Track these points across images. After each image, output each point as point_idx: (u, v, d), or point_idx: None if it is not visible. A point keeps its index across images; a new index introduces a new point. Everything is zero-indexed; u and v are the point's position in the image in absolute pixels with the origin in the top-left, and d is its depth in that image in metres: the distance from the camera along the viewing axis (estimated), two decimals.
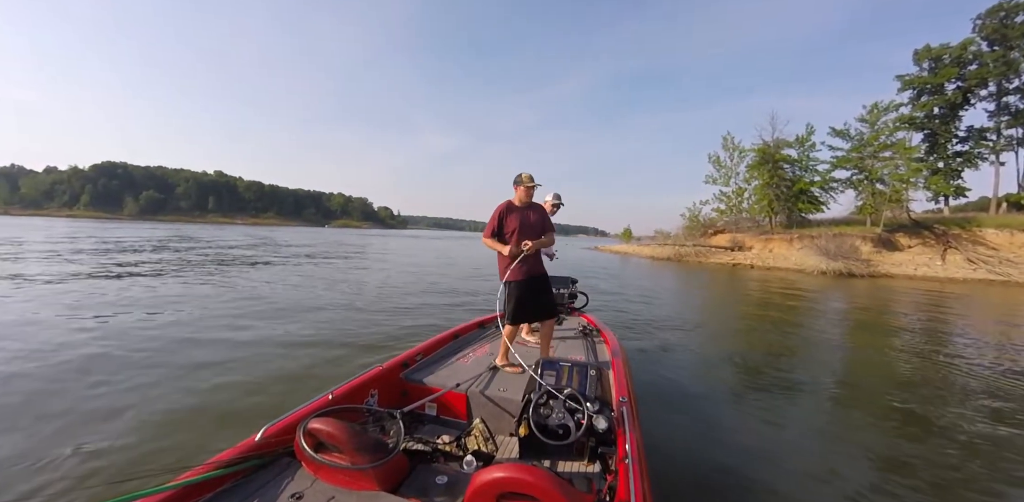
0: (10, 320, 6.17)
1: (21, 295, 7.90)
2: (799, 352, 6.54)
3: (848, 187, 36.45)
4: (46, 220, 75.66)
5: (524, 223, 3.54)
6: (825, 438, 3.70)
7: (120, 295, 8.38)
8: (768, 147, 38.70)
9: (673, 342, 6.84)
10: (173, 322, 6.45)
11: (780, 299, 12.80)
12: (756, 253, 33.25)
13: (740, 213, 42.34)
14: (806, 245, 29.38)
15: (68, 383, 4.18)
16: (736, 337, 7.69)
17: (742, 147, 41.63)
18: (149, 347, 5.29)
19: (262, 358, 5.09)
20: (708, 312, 10.65)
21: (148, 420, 3.52)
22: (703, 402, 4.44)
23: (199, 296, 8.72)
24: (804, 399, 4.58)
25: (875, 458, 3.35)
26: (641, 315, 8.96)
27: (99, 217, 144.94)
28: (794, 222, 38.33)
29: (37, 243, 20.26)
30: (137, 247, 20.80)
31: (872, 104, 34.19)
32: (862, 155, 34.36)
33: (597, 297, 10.92)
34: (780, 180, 37.96)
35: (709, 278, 20.38)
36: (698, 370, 5.51)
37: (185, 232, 44.32)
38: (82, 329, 5.94)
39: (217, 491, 1.83)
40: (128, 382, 4.24)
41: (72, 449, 3.09)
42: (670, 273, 22.20)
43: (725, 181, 43.23)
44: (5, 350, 4.95)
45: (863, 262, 25.69)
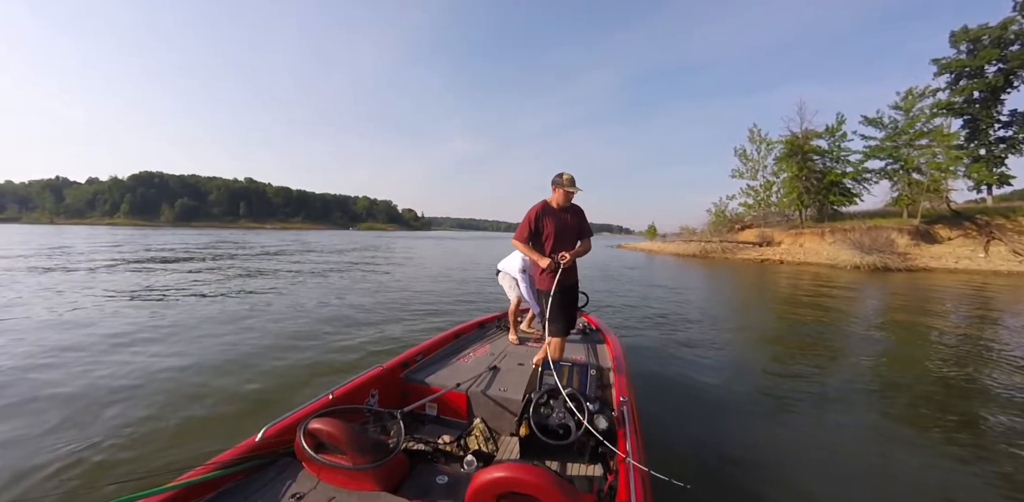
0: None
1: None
2: (826, 352, 6.22)
3: (882, 178, 35.12)
4: (91, 228, 79.09)
5: (561, 228, 3.30)
6: (845, 446, 3.50)
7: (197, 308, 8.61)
8: (797, 138, 37.61)
9: (686, 340, 6.65)
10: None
11: (810, 295, 12.34)
12: (786, 248, 32.32)
13: (768, 207, 41.24)
14: (839, 239, 28.41)
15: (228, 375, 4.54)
16: (755, 336, 7.39)
17: (769, 139, 40.59)
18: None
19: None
20: (729, 309, 10.30)
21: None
22: (709, 403, 4.32)
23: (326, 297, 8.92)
24: (826, 405, 4.32)
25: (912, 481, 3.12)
26: (658, 313, 8.75)
27: (138, 225, 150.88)
28: (825, 215, 37.18)
29: (121, 250, 21.09)
30: (210, 254, 21.44)
31: (907, 90, 32.88)
32: (897, 144, 33.05)
33: (613, 298, 10.76)
34: (810, 172, 36.84)
35: (735, 274, 19.87)
36: (710, 370, 5.31)
37: (227, 237, 45.70)
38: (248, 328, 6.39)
39: (218, 491, 1.83)
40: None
41: (79, 446, 3.14)
42: (695, 270, 21.70)
43: (752, 175, 42.20)
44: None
45: (900, 255, 24.67)
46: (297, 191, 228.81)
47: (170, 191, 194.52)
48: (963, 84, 32.08)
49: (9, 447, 3.17)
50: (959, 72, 32.44)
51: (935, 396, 4.61)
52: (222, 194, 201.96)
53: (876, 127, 34.54)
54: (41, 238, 33.75)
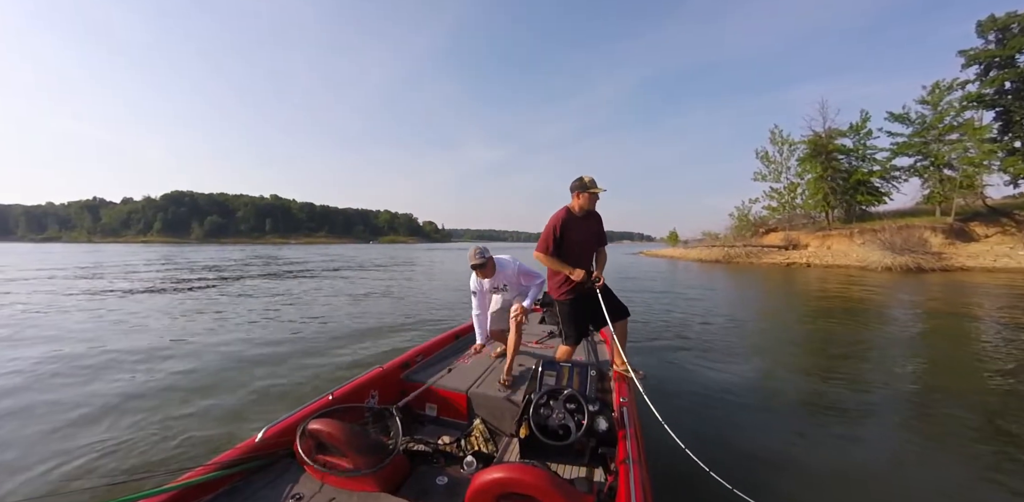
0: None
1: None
2: (853, 356, 5.83)
3: (912, 175, 33.97)
4: (128, 246, 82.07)
5: (584, 236, 3.20)
6: (866, 459, 3.20)
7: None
8: (820, 138, 36.72)
9: (696, 343, 6.40)
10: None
11: (839, 297, 11.79)
12: (813, 251, 31.33)
13: (793, 209, 40.18)
14: (868, 239, 27.35)
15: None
16: (773, 339, 7.04)
17: (791, 140, 39.61)
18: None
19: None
20: (748, 312, 9.84)
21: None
22: (714, 405, 4.14)
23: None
24: (852, 415, 3.99)
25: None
26: (670, 316, 8.45)
27: (170, 242, 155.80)
28: (853, 216, 36.08)
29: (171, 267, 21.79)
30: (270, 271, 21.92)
31: (933, 83, 31.85)
32: (926, 139, 31.96)
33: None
34: (835, 172, 35.89)
35: (760, 279, 19.25)
36: (719, 373, 5.04)
37: (263, 252, 47.04)
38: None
39: (217, 492, 1.83)
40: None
41: (80, 446, 3.18)
42: (718, 276, 21.08)
43: (775, 177, 41.21)
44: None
45: (933, 255, 23.64)
46: (320, 206, 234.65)
47: (200, 209, 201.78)
48: (993, 75, 30.80)
49: (10, 447, 3.21)
50: (988, 62, 31.19)
51: (987, 409, 4.13)
52: (249, 211, 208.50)
53: (903, 123, 33.50)
54: (92, 256, 34.95)
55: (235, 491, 1.87)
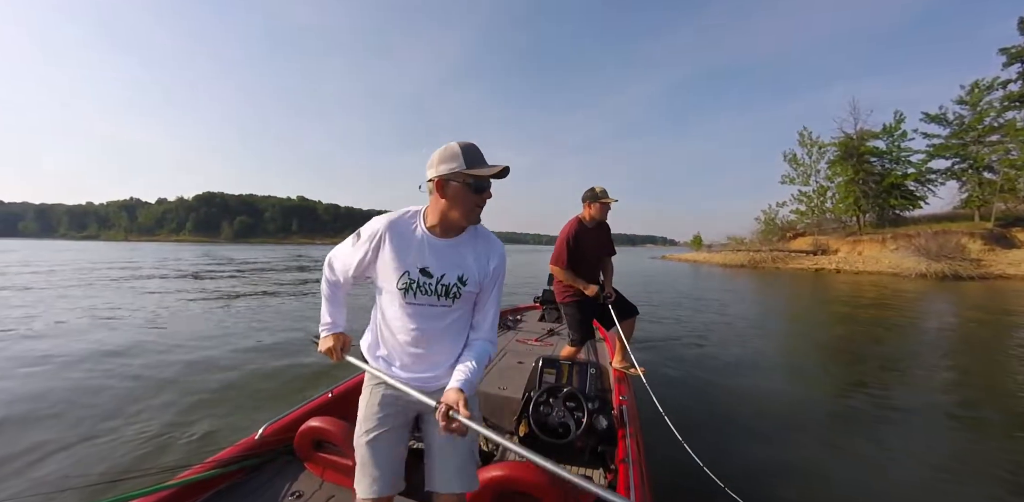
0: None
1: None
2: (876, 366, 5.50)
3: (949, 178, 32.80)
4: (160, 244, 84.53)
5: (594, 246, 3.23)
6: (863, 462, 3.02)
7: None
8: (851, 140, 35.70)
9: (708, 345, 6.16)
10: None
11: (869, 305, 11.32)
12: (843, 256, 30.39)
13: (823, 214, 39.10)
14: (902, 245, 26.41)
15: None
16: (795, 346, 6.75)
17: (821, 142, 38.60)
18: None
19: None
20: (771, 318, 9.54)
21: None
22: (718, 407, 4.00)
23: None
24: (858, 424, 3.75)
25: None
26: (684, 318, 8.14)
27: (201, 241, 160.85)
28: (886, 221, 34.83)
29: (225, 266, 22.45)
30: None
31: (972, 83, 30.61)
32: (964, 141, 30.82)
33: (652, 310, 10.27)
34: (867, 175, 34.81)
35: (785, 284, 18.74)
36: (728, 377, 4.87)
37: (301, 252, 47.70)
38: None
39: (216, 490, 1.82)
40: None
41: (81, 444, 3.18)
42: (743, 281, 20.57)
43: (804, 180, 40.20)
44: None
45: (972, 262, 22.62)
46: (345, 208, 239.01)
47: (230, 209, 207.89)
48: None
49: (9, 447, 3.19)
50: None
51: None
52: (276, 212, 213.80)
53: (940, 124, 32.38)
54: (141, 256, 36.12)
55: (235, 488, 1.87)
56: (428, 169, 1.34)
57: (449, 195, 1.33)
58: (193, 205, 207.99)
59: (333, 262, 1.51)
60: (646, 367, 3.11)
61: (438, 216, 1.37)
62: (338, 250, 1.49)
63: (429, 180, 1.35)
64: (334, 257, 1.51)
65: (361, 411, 1.48)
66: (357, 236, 1.42)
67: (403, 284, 1.37)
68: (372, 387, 1.49)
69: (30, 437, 3.29)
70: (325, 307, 1.58)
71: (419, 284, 1.38)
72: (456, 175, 1.30)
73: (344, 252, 1.46)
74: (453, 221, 1.38)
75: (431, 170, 1.33)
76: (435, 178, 1.33)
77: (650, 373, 3.07)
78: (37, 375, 4.70)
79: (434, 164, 1.32)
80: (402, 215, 1.42)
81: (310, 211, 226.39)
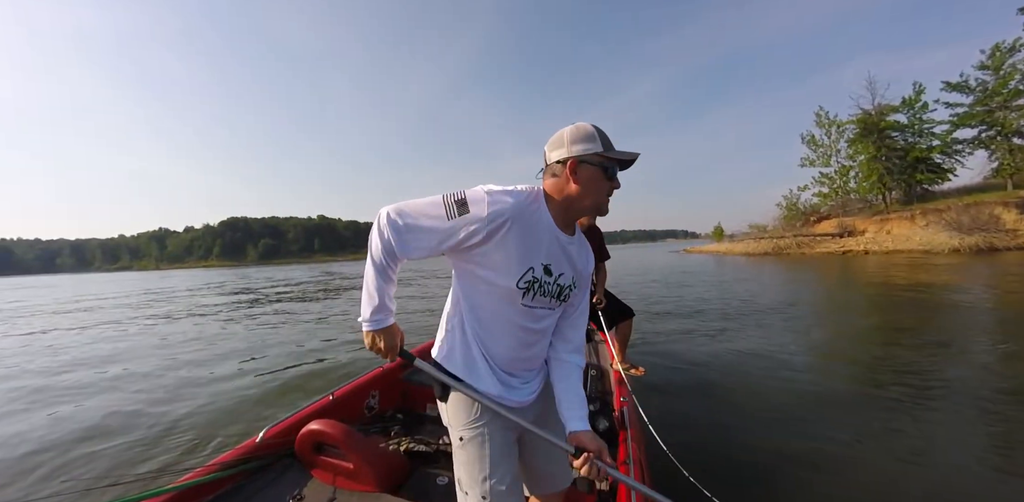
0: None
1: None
2: (910, 348, 5.05)
3: (977, 147, 31.32)
4: (190, 271, 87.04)
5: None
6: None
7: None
8: (870, 116, 34.48)
9: (719, 343, 5.68)
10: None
11: (899, 286, 10.70)
12: (871, 237, 29.23)
13: (847, 194, 37.94)
14: (932, 221, 25.27)
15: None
16: (821, 335, 6.27)
17: (839, 121, 37.48)
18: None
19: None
20: (795, 306, 8.99)
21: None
22: (722, 408, 3.67)
23: None
24: (890, 424, 3.37)
25: None
26: (699, 313, 7.78)
27: (228, 265, 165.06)
28: (914, 197, 33.42)
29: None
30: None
31: (993, 46, 29.23)
32: (990, 107, 29.42)
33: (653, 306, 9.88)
34: (890, 151, 33.52)
35: (811, 270, 17.98)
36: (735, 375, 4.48)
37: (334, 269, 48.41)
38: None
39: (218, 493, 1.82)
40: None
41: (83, 446, 3.26)
42: (766, 269, 19.77)
43: (825, 161, 39.17)
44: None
45: (1007, 233, 21.40)
46: (365, 223, 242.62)
47: (253, 233, 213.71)
48: None
49: (9, 448, 3.28)
50: None
51: None
52: (298, 232, 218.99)
53: (962, 92, 30.96)
54: (187, 281, 37.12)
55: (236, 492, 1.86)
56: (553, 150, 1.15)
57: (583, 179, 1.13)
58: (219, 231, 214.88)
59: (408, 226, 1.11)
60: (646, 368, 3.10)
61: (564, 205, 1.17)
62: (417, 210, 1.11)
63: (557, 162, 1.15)
64: (410, 219, 1.11)
65: (460, 415, 1.23)
66: (461, 205, 1.08)
67: (525, 282, 1.15)
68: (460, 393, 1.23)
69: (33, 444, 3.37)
70: (376, 286, 1.17)
71: (540, 283, 1.18)
72: (593, 157, 1.12)
73: (433, 219, 1.10)
74: (580, 211, 1.19)
75: (559, 151, 1.14)
76: (568, 159, 1.12)
77: (656, 374, 2.88)
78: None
79: (564, 144, 1.14)
80: (525, 198, 1.14)
81: (330, 229, 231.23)
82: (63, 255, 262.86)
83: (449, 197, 1.10)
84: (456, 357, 1.23)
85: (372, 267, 1.16)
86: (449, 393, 1.23)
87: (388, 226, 1.11)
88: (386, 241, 1.11)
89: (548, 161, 1.18)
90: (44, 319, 12.49)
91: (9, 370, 6.02)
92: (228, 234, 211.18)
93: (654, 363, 4.85)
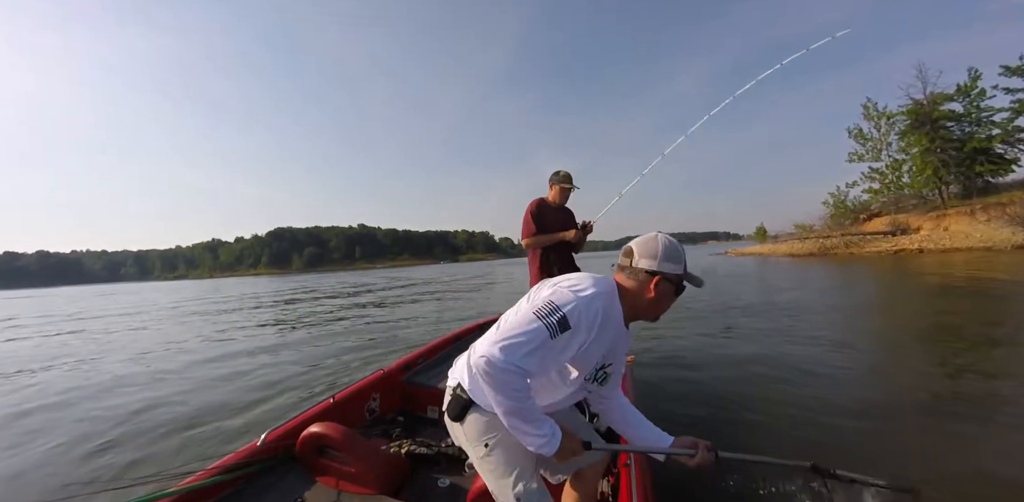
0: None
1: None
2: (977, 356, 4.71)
3: None
4: (239, 279, 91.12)
5: (560, 226, 3.23)
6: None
7: None
8: (921, 106, 32.40)
9: (731, 342, 5.38)
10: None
11: (957, 287, 9.97)
12: (926, 234, 27.46)
13: (900, 190, 35.72)
14: (994, 216, 23.60)
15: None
16: (868, 339, 5.90)
17: (889, 112, 35.40)
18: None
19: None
20: (838, 307, 8.52)
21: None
22: (725, 410, 3.53)
23: None
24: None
25: None
26: (708, 317, 7.39)
27: (275, 273, 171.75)
28: (974, 190, 31.03)
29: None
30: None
31: None
32: None
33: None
34: (945, 142, 31.31)
35: (859, 272, 16.96)
36: (741, 377, 4.26)
37: (397, 274, 49.99)
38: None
39: (219, 496, 1.83)
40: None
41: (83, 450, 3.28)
42: (812, 271, 18.73)
43: (875, 156, 37.11)
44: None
45: None
46: (403, 231, 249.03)
47: (298, 242, 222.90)
48: None
49: (8, 451, 3.30)
50: None
51: None
52: (340, 241, 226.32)
53: (1023, 76, 28.70)
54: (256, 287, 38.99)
55: (237, 495, 1.87)
56: (643, 258, 1.26)
57: (660, 293, 1.26)
58: (267, 241, 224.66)
59: (527, 362, 1.12)
60: (653, 370, 3.13)
61: (632, 305, 1.29)
62: (528, 349, 1.12)
63: (646, 271, 1.25)
64: (526, 357, 1.11)
65: (484, 427, 1.30)
66: (562, 326, 1.13)
67: (589, 374, 1.33)
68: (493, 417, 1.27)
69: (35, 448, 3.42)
70: (527, 421, 1.18)
71: (597, 371, 1.35)
72: (676, 278, 1.27)
73: (544, 348, 1.13)
74: (642, 316, 1.33)
75: (650, 261, 1.24)
76: (657, 273, 1.24)
77: (661, 375, 2.75)
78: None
79: (656, 256, 1.24)
80: (608, 301, 1.24)
81: (370, 237, 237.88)
82: (127, 265, 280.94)
83: (549, 318, 1.14)
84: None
85: (507, 400, 1.14)
86: (466, 415, 1.31)
87: (500, 359, 1.10)
88: (506, 370, 1.10)
89: (635, 264, 1.27)
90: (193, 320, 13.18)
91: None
92: (275, 243, 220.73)
93: (661, 364, 4.72)
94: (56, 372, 6.41)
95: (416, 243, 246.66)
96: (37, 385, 5.64)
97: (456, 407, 1.32)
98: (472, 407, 1.30)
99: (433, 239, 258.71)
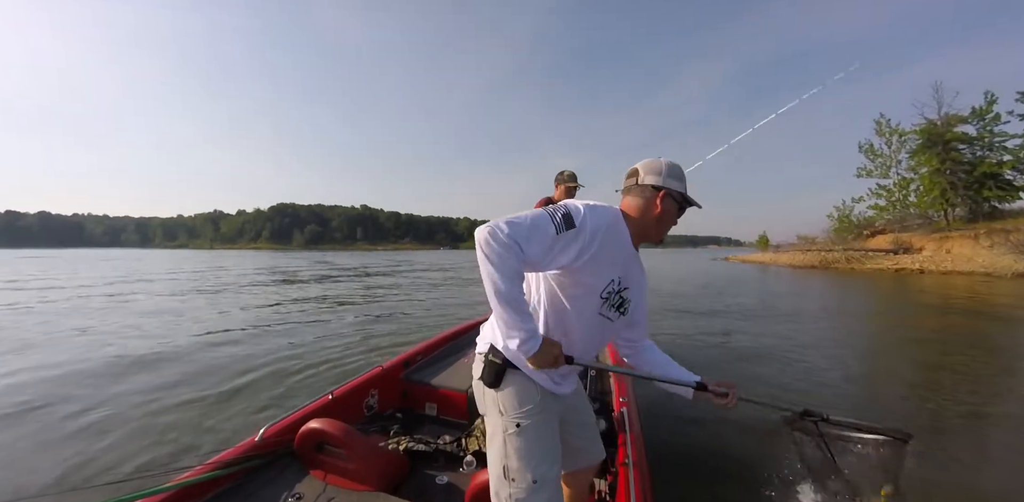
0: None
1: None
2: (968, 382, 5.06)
3: None
4: (240, 252, 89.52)
5: None
6: None
7: None
8: (935, 126, 32.47)
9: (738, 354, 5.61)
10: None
11: (955, 312, 10.34)
12: (928, 255, 27.70)
13: (905, 209, 35.87)
14: (997, 241, 23.75)
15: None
16: (861, 352, 6.24)
17: (901, 130, 35.48)
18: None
19: None
20: (834, 321, 8.92)
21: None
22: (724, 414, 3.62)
23: None
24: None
25: None
26: (720, 321, 7.69)
27: (276, 249, 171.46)
28: (980, 214, 31.23)
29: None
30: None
31: None
32: None
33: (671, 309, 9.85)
34: (955, 164, 31.44)
35: (858, 287, 17.36)
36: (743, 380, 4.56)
37: (400, 257, 50.03)
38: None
39: (217, 491, 1.84)
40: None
41: (82, 444, 3.19)
42: (811, 284, 19.30)
43: (883, 172, 37.19)
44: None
45: None
46: (406, 215, 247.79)
47: (300, 219, 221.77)
48: None
49: (7, 447, 3.19)
50: None
51: None
52: (342, 221, 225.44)
53: None
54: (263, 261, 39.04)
55: (235, 490, 1.87)
56: (649, 174, 1.28)
57: (665, 210, 1.27)
58: (268, 215, 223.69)
59: (526, 244, 1.10)
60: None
61: (640, 225, 1.29)
62: (527, 220, 1.12)
63: (652, 186, 1.27)
64: (522, 227, 1.11)
65: (521, 401, 1.25)
66: (567, 222, 1.14)
67: (607, 293, 1.27)
68: (528, 383, 1.27)
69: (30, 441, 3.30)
70: (514, 308, 1.13)
71: (612, 293, 1.28)
72: (679, 195, 1.29)
73: (544, 229, 1.12)
74: (648, 235, 1.32)
75: (655, 177, 1.27)
76: (663, 188, 1.27)
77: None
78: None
79: (662, 174, 1.27)
80: (614, 215, 1.24)
81: (373, 219, 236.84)
82: (128, 231, 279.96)
83: (554, 212, 1.16)
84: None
85: (500, 279, 1.09)
86: (502, 381, 1.26)
87: (503, 231, 1.09)
88: (501, 256, 1.09)
89: (641, 181, 1.29)
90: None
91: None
92: (277, 219, 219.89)
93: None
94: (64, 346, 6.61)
95: (418, 228, 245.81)
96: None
97: (491, 373, 1.26)
98: (509, 371, 1.26)
99: (435, 225, 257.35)
